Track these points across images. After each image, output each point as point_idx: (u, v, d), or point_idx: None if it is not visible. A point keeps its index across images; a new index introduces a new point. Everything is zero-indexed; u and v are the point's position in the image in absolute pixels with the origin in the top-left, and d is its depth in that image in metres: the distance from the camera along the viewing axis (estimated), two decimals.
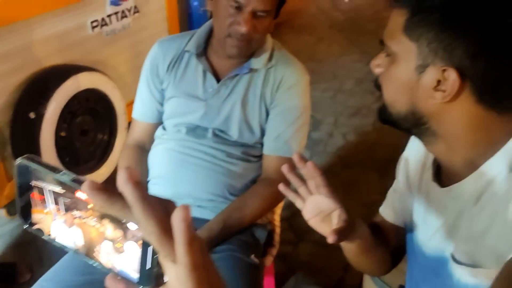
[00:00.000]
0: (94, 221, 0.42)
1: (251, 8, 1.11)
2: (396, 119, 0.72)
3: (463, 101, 0.65)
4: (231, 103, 1.24)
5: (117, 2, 2.45)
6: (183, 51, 1.28)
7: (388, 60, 0.70)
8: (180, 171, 1.23)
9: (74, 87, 2.05)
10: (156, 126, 1.34)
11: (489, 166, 0.67)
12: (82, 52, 2.27)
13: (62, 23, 2.13)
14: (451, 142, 0.69)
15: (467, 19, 0.61)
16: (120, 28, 2.49)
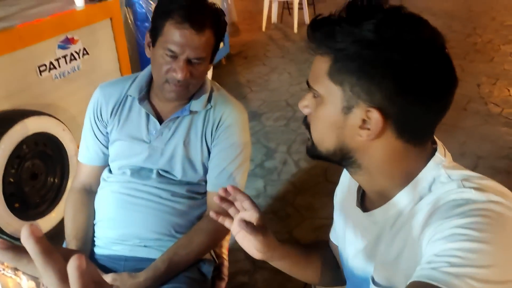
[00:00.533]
0: (9, 271, 0.46)
1: (185, 56, 1.17)
2: (325, 155, 0.78)
3: (385, 137, 0.71)
4: (174, 144, 1.29)
5: (65, 45, 2.48)
6: (126, 95, 1.33)
7: (316, 101, 0.76)
8: (125, 213, 1.26)
9: (21, 132, 2.04)
10: (102, 168, 1.37)
11: (399, 198, 0.74)
12: (30, 97, 2.27)
13: (9, 69, 2.14)
14: (373, 173, 0.76)
15: (380, 68, 0.67)
16: (70, 70, 2.52)
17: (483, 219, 0.62)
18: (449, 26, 5.71)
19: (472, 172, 0.72)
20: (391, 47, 0.66)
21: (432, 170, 0.72)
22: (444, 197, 0.68)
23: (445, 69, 0.69)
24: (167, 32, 1.17)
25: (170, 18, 1.16)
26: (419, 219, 0.70)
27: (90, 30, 2.66)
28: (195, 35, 1.16)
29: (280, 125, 3.51)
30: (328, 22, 0.71)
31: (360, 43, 0.67)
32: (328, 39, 0.70)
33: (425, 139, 0.74)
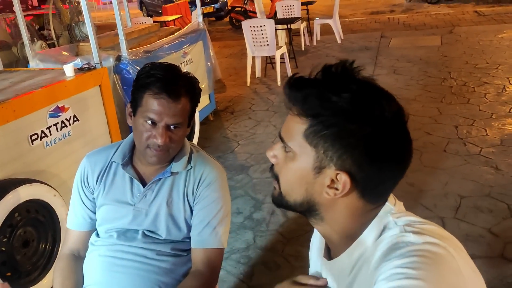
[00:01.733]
0: None
1: (164, 123, 1.28)
2: (292, 205, 0.85)
3: (350, 196, 0.79)
4: (158, 205, 1.37)
5: (56, 114, 2.60)
6: (110, 162, 1.42)
7: (287, 155, 0.81)
8: (112, 276, 1.31)
9: (13, 200, 2.11)
10: (90, 233, 1.43)
11: (361, 240, 0.81)
12: (22, 165, 2.35)
13: (1, 140, 2.23)
14: (333, 225, 0.84)
15: (353, 138, 0.75)
16: (61, 137, 2.62)
17: (419, 259, 0.70)
18: (425, 72, 5.97)
19: (418, 218, 0.81)
20: (364, 120, 0.74)
21: (382, 218, 0.80)
22: (389, 242, 0.76)
23: (407, 139, 0.78)
24: (146, 102, 1.28)
25: (148, 90, 1.27)
26: (371, 266, 0.77)
27: (80, 97, 2.79)
28: (171, 103, 1.27)
29: (267, 177, 3.60)
30: (305, 84, 0.79)
31: (337, 113, 0.75)
32: (305, 103, 0.77)
33: (385, 198, 0.83)
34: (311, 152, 0.78)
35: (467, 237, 2.59)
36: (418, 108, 4.70)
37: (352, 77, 0.78)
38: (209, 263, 1.34)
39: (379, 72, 6.26)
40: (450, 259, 0.71)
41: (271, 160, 0.85)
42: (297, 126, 0.78)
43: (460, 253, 0.74)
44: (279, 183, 0.84)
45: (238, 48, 8.69)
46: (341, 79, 0.77)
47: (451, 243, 0.75)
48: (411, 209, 0.85)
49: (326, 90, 0.76)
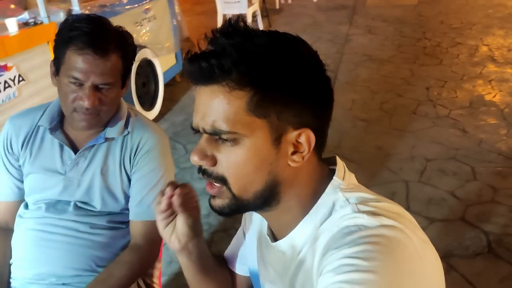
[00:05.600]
0: None
1: (90, 83, 1.13)
2: (251, 203, 0.69)
3: (311, 156, 0.69)
4: (91, 174, 1.24)
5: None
6: (37, 126, 1.27)
7: (229, 146, 0.66)
8: (40, 251, 1.20)
9: None
10: (18, 204, 1.30)
11: (301, 229, 0.71)
12: None
13: None
14: (289, 203, 0.71)
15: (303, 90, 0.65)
16: (4, 98, 2.42)
17: (372, 247, 0.60)
18: (400, 32, 5.85)
19: (371, 193, 0.70)
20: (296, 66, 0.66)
21: (330, 195, 0.69)
22: (339, 224, 0.65)
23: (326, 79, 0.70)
24: (69, 59, 1.12)
25: (71, 44, 1.11)
26: (319, 249, 0.67)
27: (25, 55, 2.57)
28: (98, 60, 1.12)
29: None
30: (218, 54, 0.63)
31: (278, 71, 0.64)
32: (232, 73, 0.62)
33: (323, 150, 0.73)
34: (262, 125, 0.65)
35: (430, 201, 2.56)
36: (391, 69, 4.61)
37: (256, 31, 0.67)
38: (148, 236, 1.24)
39: (354, 31, 6.11)
40: (407, 243, 0.61)
41: (204, 164, 0.68)
42: (232, 104, 0.64)
43: (417, 232, 0.65)
44: (228, 185, 0.68)
45: (210, 6, 8.30)
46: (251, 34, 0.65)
47: (408, 222, 0.65)
48: (377, 173, 0.75)
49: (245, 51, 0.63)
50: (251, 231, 0.92)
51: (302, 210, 0.71)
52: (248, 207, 0.71)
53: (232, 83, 0.63)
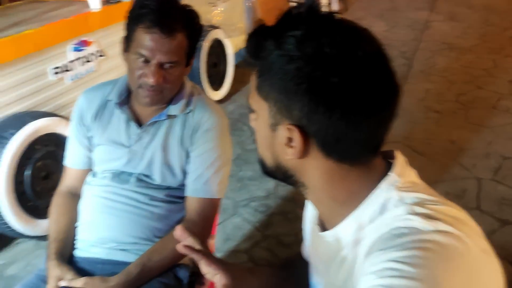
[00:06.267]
0: None
1: (156, 60, 1.17)
2: (270, 172, 0.74)
3: (313, 156, 0.66)
4: (153, 148, 1.29)
5: (80, 48, 2.55)
6: (107, 100, 1.34)
7: (254, 117, 0.73)
8: (103, 217, 1.27)
9: (32, 133, 2.12)
10: (86, 172, 1.39)
11: (347, 224, 0.69)
12: (44, 99, 2.35)
13: (22, 72, 2.22)
14: (317, 193, 0.71)
15: (298, 84, 0.62)
16: (84, 72, 2.58)
17: (422, 253, 0.56)
18: (486, 20, 5.43)
19: (431, 194, 0.65)
20: (311, 62, 0.61)
21: (384, 192, 0.66)
22: (389, 224, 0.62)
23: (375, 84, 0.62)
24: (137, 37, 1.17)
25: (140, 23, 1.15)
26: (364, 247, 0.65)
27: (106, 32, 2.71)
28: (165, 39, 1.15)
29: None
30: (259, 33, 0.68)
31: (280, 57, 0.63)
32: (255, 51, 0.67)
33: (363, 158, 0.67)
34: (265, 107, 0.68)
35: (503, 201, 2.39)
36: (471, 59, 4.31)
37: (308, 16, 0.64)
38: (202, 213, 1.27)
39: (435, 18, 5.77)
40: (464, 252, 0.57)
41: (252, 125, 0.76)
42: (252, 80, 0.70)
43: (478, 241, 0.60)
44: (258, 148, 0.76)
45: None
46: (292, 20, 0.64)
47: (468, 229, 0.60)
48: (448, 168, 0.70)
49: (273, 34, 0.64)
50: (305, 221, 0.92)
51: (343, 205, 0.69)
52: (273, 176, 0.75)
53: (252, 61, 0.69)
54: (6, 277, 2.12)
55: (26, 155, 2.12)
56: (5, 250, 2.29)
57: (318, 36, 0.62)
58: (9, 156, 2.01)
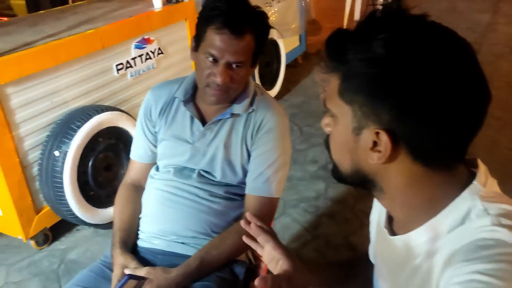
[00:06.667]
0: None
1: (225, 60, 1.20)
2: (345, 178, 0.74)
3: (400, 160, 0.66)
4: (215, 146, 1.33)
5: (142, 45, 2.64)
6: (173, 97, 1.39)
7: (332, 121, 0.72)
8: (165, 210, 1.32)
9: (96, 126, 2.22)
10: (150, 166, 1.45)
11: (424, 230, 0.68)
12: (106, 94, 2.46)
13: (88, 68, 2.33)
14: (395, 198, 0.71)
15: (387, 87, 0.62)
16: (144, 69, 2.68)
17: (510, 266, 0.55)
18: None
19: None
20: (400, 65, 0.61)
21: (467, 201, 0.64)
22: (473, 234, 0.61)
23: (466, 87, 0.61)
24: (208, 37, 1.20)
25: (211, 24, 1.19)
26: (442, 256, 0.64)
27: (166, 30, 2.80)
28: (234, 39, 1.18)
29: None
30: (341, 37, 0.67)
31: (367, 60, 0.63)
32: (338, 55, 0.67)
33: (450, 164, 0.67)
34: (348, 111, 0.67)
35: None
36: None
37: (395, 18, 0.64)
38: (260, 211, 1.29)
39: (499, 20, 5.51)
40: None
41: (325, 130, 0.76)
42: (332, 84, 0.69)
43: None
44: (330, 154, 0.76)
45: None
46: (379, 23, 0.64)
47: None
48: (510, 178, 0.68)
49: (360, 38, 0.64)
50: (372, 223, 0.92)
51: (420, 211, 0.68)
52: (347, 181, 0.74)
53: (333, 64, 0.68)
54: (67, 261, 2.25)
55: (90, 147, 2.23)
56: (66, 235, 2.42)
57: (407, 39, 0.62)
58: (75, 147, 2.12)
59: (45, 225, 2.27)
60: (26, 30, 2.43)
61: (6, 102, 1.99)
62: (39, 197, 2.21)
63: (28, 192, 2.14)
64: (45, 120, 2.17)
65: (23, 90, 2.05)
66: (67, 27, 2.43)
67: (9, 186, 2.04)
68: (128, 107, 2.54)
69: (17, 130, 2.06)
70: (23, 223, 2.14)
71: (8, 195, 2.05)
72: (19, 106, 2.05)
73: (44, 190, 2.16)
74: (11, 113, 2.02)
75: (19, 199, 2.10)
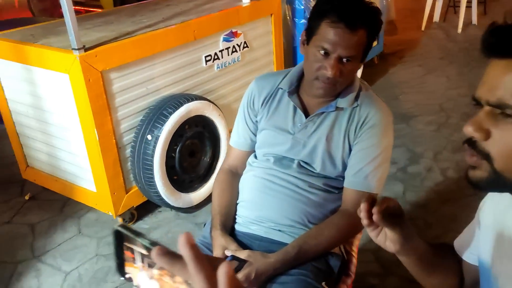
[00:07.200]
0: (167, 277, 0.51)
1: (337, 54, 1.21)
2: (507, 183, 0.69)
3: None
4: (317, 138, 1.35)
5: (229, 38, 2.72)
6: (277, 88, 1.42)
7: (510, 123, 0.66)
8: (264, 197, 1.36)
9: (185, 114, 2.32)
10: (249, 154, 1.49)
11: None
12: (194, 83, 2.56)
13: (180, 58, 2.44)
14: None
15: None
16: (230, 61, 2.76)
17: None
18: None
19: None
20: None
21: None
22: None
23: None
24: (321, 31, 1.22)
25: (326, 17, 1.21)
26: None
27: (252, 25, 2.86)
28: (348, 34, 1.19)
29: (430, 130, 3.32)
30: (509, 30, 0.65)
31: None
32: None
33: None
34: None
35: None
36: None
37: None
38: (359, 205, 1.29)
39: None
40: None
41: (476, 137, 0.69)
42: (506, 82, 0.64)
43: None
44: (491, 162, 0.68)
45: None
46: None
47: None
48: None
49: None
50: (487, 221, 0.90)
51: None
52: (507, 185, 0.70)
53: None
54: None
55: (179, 133, 2.33)
56: (149, 216, 2.55)
57: None
58: (166, 132, 2.23)
59: (132, 204, 2.41)
60: (126, 20, 2.58)
61: (109, 87, 2.13)
62: (129, 177, 2.35)
63: (120, 172, 2.28)
64: (140, 105, 2.29)
65: (123, 76, 2.18)
66: (163, 18, 2.55)
67: (106, 165, 2.19)
68: (212, 97, 2.63)
69: (116, 114, 2.19)
70: (114, 201, 2.29)
71: (104, 173, 2.20)
72: (119, 91, 2.18)
73: (135, 171, 2.29)
74: (112, 97, 2.15)
75: (112, 178, 2.24)
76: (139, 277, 0.55)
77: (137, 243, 0.53)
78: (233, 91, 2.84)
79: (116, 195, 2.28)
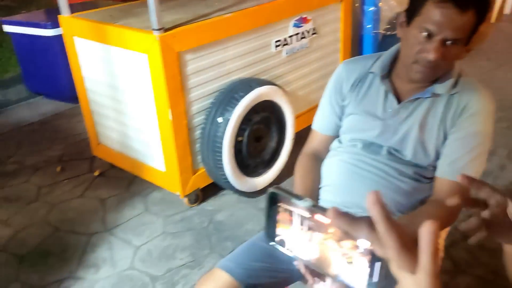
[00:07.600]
0: (331, 241, 0.50)
1: (441, 36, 1.15)
2: None
3: None
4: (409, 125, 1.30)
5: (299, 24, 2.69)
6: (368, 72, 1.38)
7: None
8: (351, 182, 1.33)
9: (256, 98, 2.32)
10: (333, 138, 1.46)
11: None
12: (264, 68, 2.54)
13: (251, 42, 2.43)
14: None
15: None
16: (298, 47, 2.72)
17: None
18: None
19: None
20: None
21: None
22: None
23: None
24: (426, 11, 1.16)
25: None
26: None
27: (322, 11, 2.81)
28: (457, 14, 1.13)
29: (501, 127, 3.16)
30: None
31: None
32: None
33: None
34: None
35: None
36: None
37: None
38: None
39: None
40: None
41: None
42: None
43: None
44: None
45: None
46: None
47: None
48: None
49: None
50: None
51: None
52: None
53: None
54: (215, 222, 2.40)
55: (248, 117, 2.33)
56: (213, 198, 2.58)
57: None
58: (236, 115, 2.23)
59: (198, 185, 2.44)
60: (198, 3, 2.59)
61: (184, 68, 2.15)
62: (197, 159, 2.38)
63: (189, 153, 2.31)
64: (211, 87, 2.31)
65: (197, 58, 2.20)
66: (234, 2, 2.55)
67: (177, 146, 2.22)
68: (279, 83, 2.61)
69: (189, 95, 2.22)
70: (182, 181, 2.32)
71: (175, 153, 2.24)
72: (193, 73, 2.20)
73: (204, 153, 2.32)
74: (186, 79, 2.18)
75: (182, 158, 2.28)
76: (293, 240, 0.54)
77: (297, 205, 0.52)
78: (299, 78, 2.81)
79: (184, 175, 2.32)
